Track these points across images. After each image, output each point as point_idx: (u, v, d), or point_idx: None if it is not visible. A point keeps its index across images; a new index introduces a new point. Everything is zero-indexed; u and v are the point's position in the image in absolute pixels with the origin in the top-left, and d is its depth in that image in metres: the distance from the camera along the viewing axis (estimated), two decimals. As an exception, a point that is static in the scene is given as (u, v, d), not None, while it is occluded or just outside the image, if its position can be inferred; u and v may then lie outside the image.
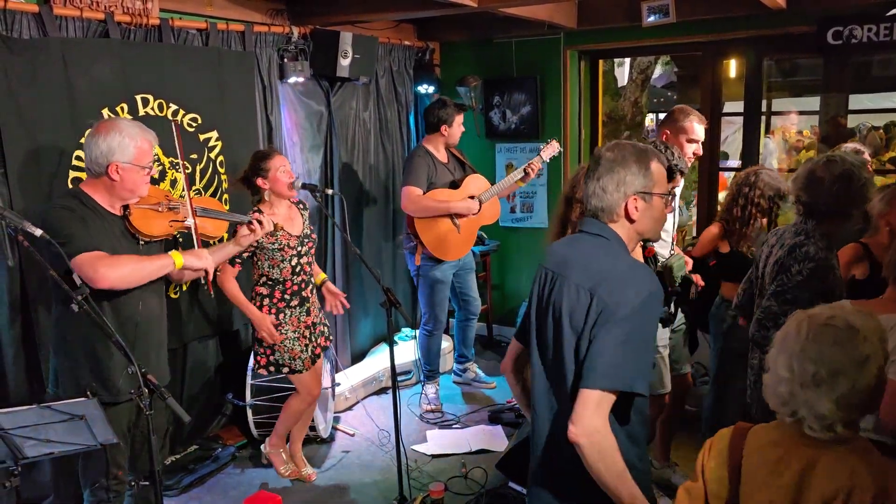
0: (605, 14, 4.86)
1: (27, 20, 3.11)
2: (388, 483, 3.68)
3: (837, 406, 1.47)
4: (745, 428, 1.65)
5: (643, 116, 9.52)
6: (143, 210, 2.66)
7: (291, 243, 3.41)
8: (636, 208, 1.89)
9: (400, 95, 5.26)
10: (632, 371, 1.77)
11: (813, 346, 1.50)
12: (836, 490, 1.45)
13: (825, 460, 1.49)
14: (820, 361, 1.48)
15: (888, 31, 4.17)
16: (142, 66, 3.51)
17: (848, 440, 1.51)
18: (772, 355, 1.59)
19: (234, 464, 3.97)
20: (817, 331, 1.51)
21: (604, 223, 1.92)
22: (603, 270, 1.84)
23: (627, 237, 1.93)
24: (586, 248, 1.93)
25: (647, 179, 1.89)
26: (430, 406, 4.57)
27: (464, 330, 4.83)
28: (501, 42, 5.36)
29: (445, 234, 4.33)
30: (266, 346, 3.45)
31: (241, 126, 4.06)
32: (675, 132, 3.39)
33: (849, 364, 1.46)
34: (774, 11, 4.22)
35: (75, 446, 2.25)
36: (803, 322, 1.54)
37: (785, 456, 1.54)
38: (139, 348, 2.65)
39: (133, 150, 2.55)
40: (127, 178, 2.57)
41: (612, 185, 1.89)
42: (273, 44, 4.24)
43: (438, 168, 4.37)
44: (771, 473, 1.55)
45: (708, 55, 5.08)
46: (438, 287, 4.46)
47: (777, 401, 1.56)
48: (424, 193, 4.25)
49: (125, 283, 2.52)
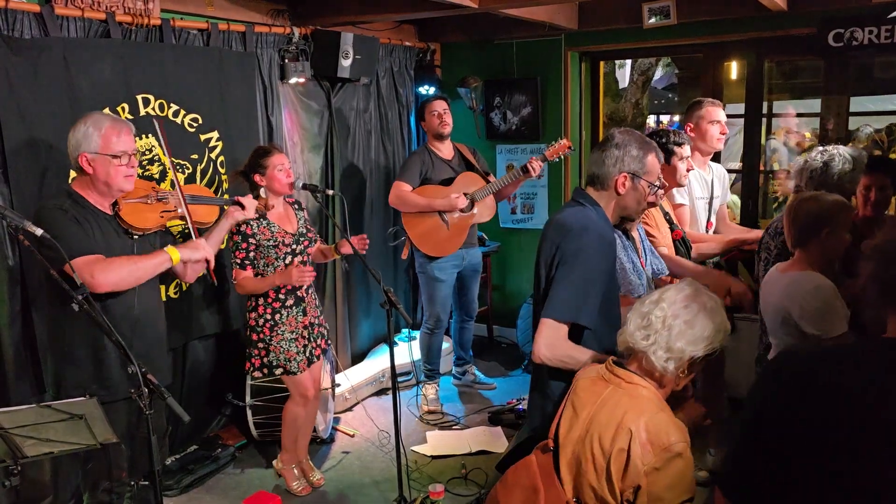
0: (606, 15, 4.86)
1: (28, 20, 3.11)
2: (388, 484, 3.68)
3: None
4: None
5: (644, 118, 9.53)
6: (132, 204, 2.67)
7: (286, 241, 3.41)
8: (624, 185, 2.28)
9: (401, 96, 5.26)
10: (576, 304, 2.15)
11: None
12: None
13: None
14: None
15: (889, 33, 4.17)
16: (143, 66, 3.52)
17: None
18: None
19: (234, 464, 3.97)
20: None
21: (587, 193, 2.33)
22: (567, 226, 2.23)
23: (610, 206, 2.32)
24: (567, 212, 2.32)
25: (640, 165, 2.28)
26: (430, 407, 4.57)
27: (461, 332, 4.82)
28: (502, 43, 5.36)
29: (432, 231, 4.35)
30: (261, 346, 3.43)
31: (242, 126, 4.06)
32: (696, 122, 3.68)
33: None
34: (775, 13, 4.23)
35: (75, 446, 2.25)
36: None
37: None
38: (138, 345, 2.65)
39: (98, 138, 2.54)
40: (99, 170, 2.55)
41: (611, 160, 2.28)
42: (274, 44, 4.24)
43: (436, 164, 4.38)
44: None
45: (709, 57, 5.08)
46: (438, 285, 4.45)
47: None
48: (414, 189, 4.28)
49: (124, 284, 2.53)
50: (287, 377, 3.50)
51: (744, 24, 4.55)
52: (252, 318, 3.44)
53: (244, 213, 3.12)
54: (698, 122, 3.67)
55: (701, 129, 3.66)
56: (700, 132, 3.67)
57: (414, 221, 4.34)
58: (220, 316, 4.08)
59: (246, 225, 3.30)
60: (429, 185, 4.35)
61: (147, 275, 2.61)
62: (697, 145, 3.68)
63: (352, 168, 4.93)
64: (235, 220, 3.12)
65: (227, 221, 3.09)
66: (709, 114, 3.65)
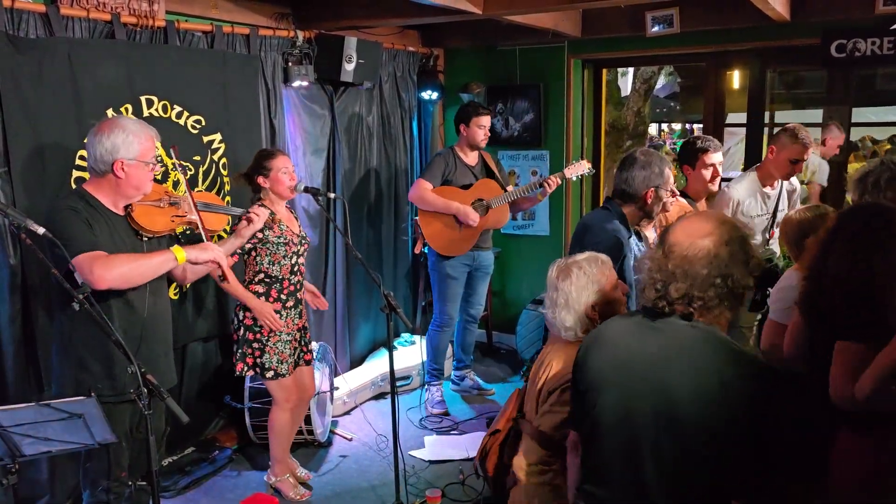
0: (610, 23, 4.88)
1: (34, 20, 3.12)
2: (386, 488, 3.67)
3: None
4: None
5: (646, 126, 9.56)
6: (145, 206, 2.68)
7: (294, 240, 3.43)
8: (651, 197, 2.84)
9: (403, 101, 5.27)
10: None
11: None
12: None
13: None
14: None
15: (892, 44, 4.18)
16: (147, 67, 3.52)
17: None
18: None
19: (231, 466, 3.96)
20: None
21: (614, 202, 2.91)
22: (589, 225, 2.90)
23: (634, 212, 2.89)
24: (594, 214, 3.04)
25: (662, 179, 2.83)
26: (436, 409, 4.57)
27: (464, 334, 4.83)
28: (505, 49, 5.37)
29: (445, 231, 4.44)
30: (256, 346, 3.40)
31: (245, 129, 4.07)
32: (779, 144, 3.75)
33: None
34: (779, 23, 4.24)
35: (74, 445, 2.25)
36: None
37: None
38: (147, 348, 2.66)
39: (137, 146, 2.57)
40: (132, 175, 2.58)
41: (640, 180, 2.83)
42: (278, 47, 4.25)
43: (459, 167, 4.47)
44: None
45: (711, 66, 5.10)
46: (450, 282, 4.53)
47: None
48: (435, 189, 4.38)
49: (125, 281, 2.51)
50: (274, 381, 3.44)
51: (747, 34, 4.56)
52: (249, 317, 3.39)
53: (252, 227, 3.13)
54: (779, 143, 3.73)
55: (779, 158, 3.72)
56: (776, 158, 3.73)
57: (429, 219, 4.44)
58: (219, 318, 4.07)
59: (273, 224, 3.33)
60: (448, 187, 4.42)
61: (150, 272, 2.59)
62: (768, 167, 3.79)
63: (354, 172, 4.93)
64: (244, 238, 3.16)
65: (236, 240, 3.13)
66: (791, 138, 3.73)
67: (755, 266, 1.66)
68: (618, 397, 1.70)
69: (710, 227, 1.66)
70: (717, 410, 1.57)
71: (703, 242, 1.63)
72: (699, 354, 1.62)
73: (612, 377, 1.72)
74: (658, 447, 1.62)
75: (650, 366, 1.65)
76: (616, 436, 1.70)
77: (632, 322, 1.76)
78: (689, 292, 1.63)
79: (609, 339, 1.79)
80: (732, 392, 1.57)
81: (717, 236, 1.63)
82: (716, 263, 1.61)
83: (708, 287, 1.61)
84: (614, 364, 1.73)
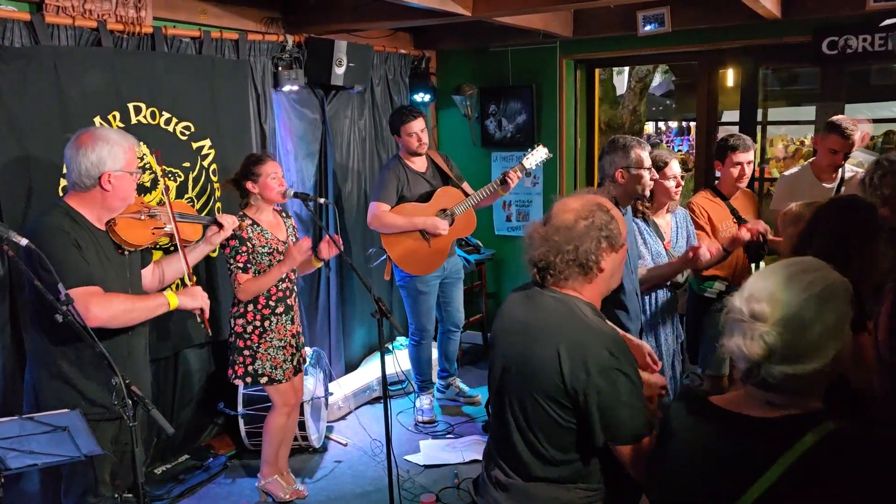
0: (601, 23, 4.86)
1: (19, 28, 3.10)
2: (381, 493, 3.65)
3: None
4: None
5: (642, 125, 9.53)
6: (126, 220, 2.64)
7: (280, 248, 3.40)
8: (623, 177, 2.98)
9: (395, 104, 5.23)
10: None
11: None
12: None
13: None
14: None
15: (883, 40, 4.17)
16: (134, 74, 3.50)
17: None
18: None
19: (226, 474, 3.95)
20: None
21: (605, 185, 3.03)
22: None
23: (620, 195, 2.98)
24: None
25: (628, 159, 2.96)
26: (425, 418, 4.53)
27: (446, 343, 4.70)
28: (497, 51, 5.36)
29: (414, 249, 4.22)
30: (247, 354, 3.38)
31: (235, 134, 4.05)
32: (822, 140, 3.84)
33: None
34: (770, 21, 4.23)
35: (59, 458, 2.23)
36: None
37: None
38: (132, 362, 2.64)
39: (123, 156, 2.53)
40: (119, 187, 2.54)
41: (607, 163, 3.02)
42: (267, 52, 4.24)
43: (411, 179, 4.26)
44: None
45: (704, 64, 5.08)
46: (421, 298, 4.39)
47: None
48: (393, 208, 4.17)
49: (116, 323, 2.49)
50: (271, 386, 3.45)
51: (738, 32, 4.55)
52: (239, 324, 3.39)
53: (221, 234, 3.08)
54: (820, 134, 3.83)
55: (822, 149, 3.80)
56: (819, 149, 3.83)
57: (394, 241, 4.20)
58: (212, 325, 4.04)
59: (241, 230, 3.28)
60: (407, 203, 4.21)
61: (142, 317, 2.58)
62: (818, 159, 3.85)
63: (345, 176, 4.91)
64: (213, 245, 3.10)
65: (206, 246, 3.07)
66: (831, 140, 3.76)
67: (606, 241, 1.87)
68: (499, 359, 1.98)
69: (578, 204, 1.90)
70: (553, 375, 1.79)
71: (567, 216, 1.87)
72: (554, 322, 1.85)
73: (498, 341, 2.02)
74: (521, 403, 1.88)
75: (517, 332, 1.92)
76: (494, 392, 2.00)
77: (522, 293, 2.00)
78: (547, 258, 1.86)
79: (504, 308, 2.05)
80: (564, 358, 1.77)
81: (578, 212, 1.87)
82: (570, 234, 1.84)
83: (559, 253, 1.85)
84: (500, 329, 2.02)
